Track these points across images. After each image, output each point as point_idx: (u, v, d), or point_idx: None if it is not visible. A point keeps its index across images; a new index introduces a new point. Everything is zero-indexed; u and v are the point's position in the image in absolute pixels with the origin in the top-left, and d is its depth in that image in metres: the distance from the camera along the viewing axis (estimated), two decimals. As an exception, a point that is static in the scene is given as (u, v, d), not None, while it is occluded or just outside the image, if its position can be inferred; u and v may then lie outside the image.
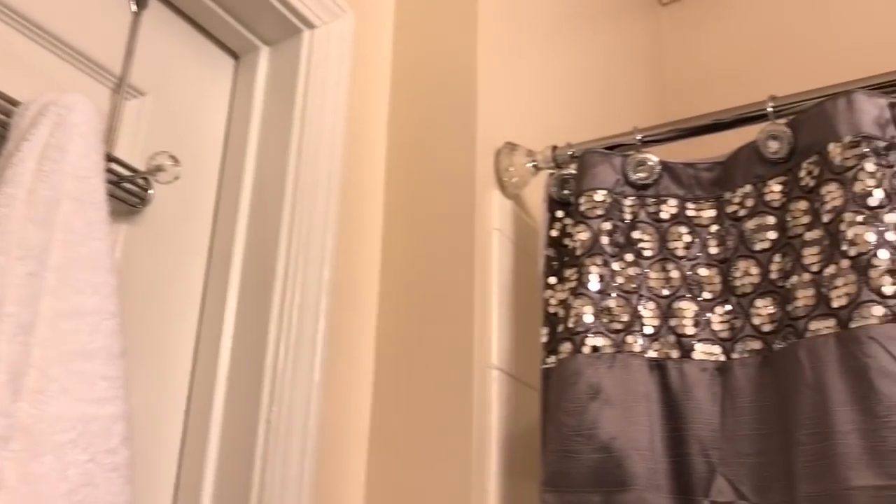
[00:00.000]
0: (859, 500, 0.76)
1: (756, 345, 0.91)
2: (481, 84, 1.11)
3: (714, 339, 0.94)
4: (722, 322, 0.95)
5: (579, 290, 0.96)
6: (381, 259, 1.08)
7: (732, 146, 1.00)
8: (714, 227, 0.99)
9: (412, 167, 1.12)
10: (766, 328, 0.91)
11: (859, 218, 0.84)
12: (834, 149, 0.88)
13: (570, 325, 0.95)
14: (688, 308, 0.96)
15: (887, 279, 0.81)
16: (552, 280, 1.02)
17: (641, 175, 1.02)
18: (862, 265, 0.82)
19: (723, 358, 0.93)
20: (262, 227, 0.97)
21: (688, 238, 0.99)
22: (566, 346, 0.94)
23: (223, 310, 0.94)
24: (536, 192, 1.10)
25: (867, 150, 0.86)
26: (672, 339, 0.95)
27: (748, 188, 0.97)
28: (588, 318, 0.94)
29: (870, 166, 0.86)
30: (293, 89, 1.02)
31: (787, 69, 1.70)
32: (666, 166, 1.03)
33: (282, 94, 1.03)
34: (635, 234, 0.99)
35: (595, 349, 0.92)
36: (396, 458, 0.99)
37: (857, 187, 0.85)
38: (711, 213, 1.00)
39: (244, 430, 0.88)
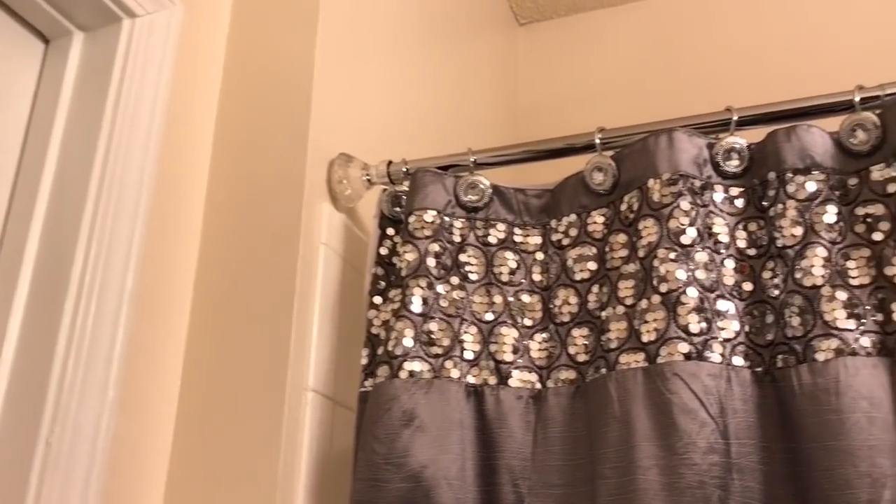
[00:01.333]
0: (653, 534, 0.77)
1: (571, 374, 0.92)
2: (317, 90, 1.07)
3: (532, 366, 0.93)
4: (540, 350, 0.94)
5: (402, 312, 0.93)
6: (196, 268, 1.02)
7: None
8: (539, 255, 0.99)
9: (239, 171, 1.06)
10: (581, 358, 0.91)
11: (672, 255, 0.85)
12: (653, 185, 0.90)
13: (390, 348, 0.92)
14: (508, 334, 0.95)
15: (694, 317, 0.83)
16: (377, 300, 0.99)
17: (472, 198, 1.01)
18: (671, 302, 0.84)
19: (539, 386, 0.92)
20: (59, 226, 0.89)
21: (513, 264, 0.98)
22: (383, 370, 0.91)
23: (7, 316, 0.85)
24: (373, 208, 1.07)
25: (683, 188, 0.88)
26: (491, 365, 0.94)
27: (573, 217, 0.98)
28: (408, 341, 0.91)
29: (685, 204, 0.87)
30: (107, 79, 0.94)
31: (637, 99, 1.75)
32: (497, 190, 1.02)
33: (94, 84, 0.94)
34: (462, 257, 0.98)
35: (412, 374, 0.90)
36: (198, 479, 0.93)
37: (672, 224, 0.87)
38: (537, 239, 1.00)
39: (20, 452, 0.80)
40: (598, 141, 0.97)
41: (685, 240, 0.86)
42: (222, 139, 1.08)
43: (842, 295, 0.81)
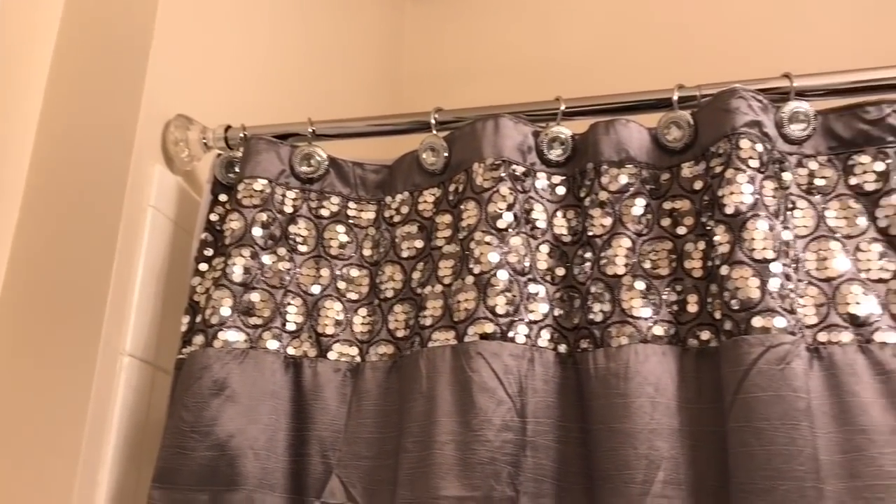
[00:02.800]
0: (443, 508, 0.79)
1: (389, 349, 0.93)
2: (158, 48, 1.03)
3: (353, 340, 0.94)
4: (363, 324, 0.95)
5: (221, 281, 0.92)
6: (16, 222, 0.98)
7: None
8: (371, 230, 1.00)
9: (69, 128, 1.02)
10: (400, 334, 0.93)
11: (487, 238, 0.87)
12: (477, 168, 0.91)
13: (207, 316, 0.91)
14: (332, 307, 0.95)
15: (501, 299, 0.85)
16: (203, 267, 0.98)
17: (307, 169, 1.00)
18: (483, 283, 0.86)
19: (358, 360, 0.94)
20: None
21: (344, 238, 0.99)
22: (199, 339, 0.91)
23: None
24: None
25: (505, 173, 0.90)
26: (312, 337, 0.94)
27: (406, 195, 0.99)
28: (225, 310, 0.91)
29: (504, 189, 0.89)
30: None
31: (519, 77, 1.77)
32: (334, 163, 1.02)
33: None
34: (293, 229, 0.98)
35: (227, 344, 0.90)
36: None
37: (491, 208, 0.89)
38: (371, 215, 1.00)
39: None
40: (433, 121, 0.98)
41: (501, 224, 0.88)
42: (54, 95, 1.04)
43: (640, 285, 0.85)
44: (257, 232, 0.95)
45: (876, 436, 0.76)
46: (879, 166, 0.85)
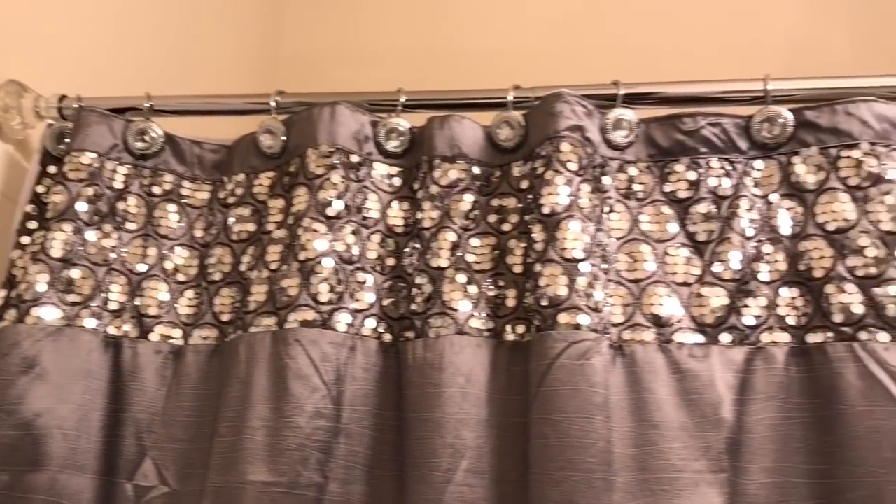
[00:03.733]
0: (249, 494, 0.79)
1: (213, 333, 0.92)
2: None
3: (177, 322, 0.93)
4: (189, 306, 0.94)
5: (40, 256, 0.89)
6: None
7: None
8: (204, 211, 0.98)
9: None
10: (225, 318, 0.92)
11: (315, 225, 0.88)
12: (311, 154, 0.91)
13: (21, 291, 0.88)
14: (158, 288, 0.94)
15: (325, 287, 0.86)
16: (25, 240, 0.94)
17: (141, 144, 0.98)
18: (307, 270, 0.86)
19: (181, 342, 0.92)
20: None
21: (175, 217, 0.97)
22: (11, 314, 0.87)
23: None
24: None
25: (338, 161, 0.91)
26: (135, 317, 0.92)
27: (242, 177, 0.98)
28: (41, 286, 0.88)
29: (336, 177, 0.90)
30: None
31: (400, 64, 1.76)
32: (171, 140, 1.00)
33: None
34: (121, 205, 0.95)
35: (40, 320, 0.87)
36: None
37: (321, 195, 0.89)
38: (205, 195, 0.99)
39: None
40: (273, 104, 0.97)
41: (330, 212, 0.88)
42: None
43: (462, 278, 0.87)
44: (82, 207, 0.92)
45: (666, 431, 0.80)
46: (692, 175, 0.89)
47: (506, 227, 0.90)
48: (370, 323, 0.88)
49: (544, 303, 0.81)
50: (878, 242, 0.82)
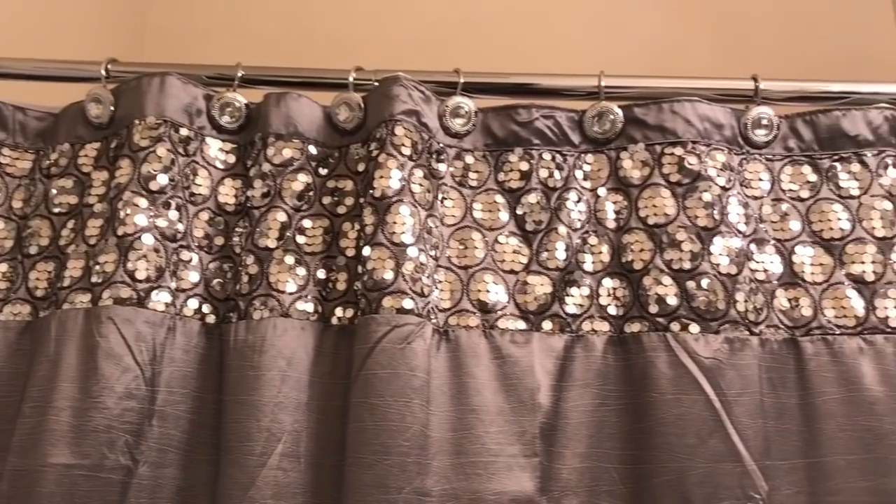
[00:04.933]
0: (48, 477, 0.75)
1: (25, 309, 0.87)
2: None
3: (28, 298, 0.88)
4: (1, 280, 0.89)
5: None
6: None
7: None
8: (24, 181, 0.93)
9: None
10: (39, 293, 0.88)
11: (136, 199, 0.84)
12: (137, 126, 0.88)
13: None
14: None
15: (143, 264, 0.82)
16: None
17: (-45, 107, 0.92)
18: (125, 246, 0.83)
19: (29, 318, 0.87)
20: None
21: (-10, 186, 0.91)
22: None
23: None
24: None
25: (164, 134, 0.87)
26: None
27: (66, 147, 0.93)
28: None
29: (162, 151, 0.86)
30: None
31: (268, 41, 1.72)
32: (-8, 104, 0.94)
33: None
34: (-71, 171, 0.89)
35: None
36: None
37: (144, 169, 0.85)
38: (27, 164, 0.94)
39: None
40: (103, 72, 0.93)
41: (154, 186, 0.85)
42: None
43: (290, 259, 0.85)
44: None
45: (484, 415, 0.81)
46: (524, 166, 0.90)
47: (340, 210, 0.89)
48: (193, 303, 0.86)
49: (370, 286, 0.81)
50: (693, 237, 0.85)
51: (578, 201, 0.90)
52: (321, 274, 0.86)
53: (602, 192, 0.91)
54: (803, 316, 0.86)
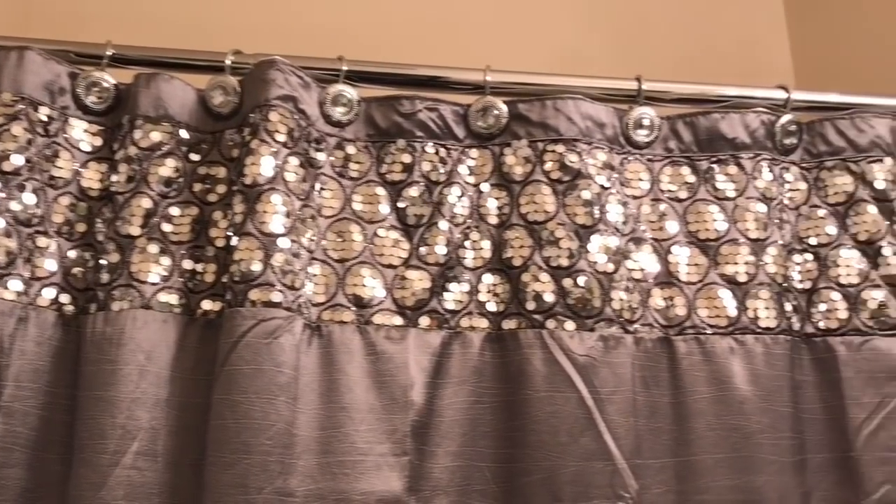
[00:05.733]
0: None
1: None
2: None
3: None
4: None
5: None
6: None
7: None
8: None
9: None
10: None
11: (-11, 180, 0.78)
12: (-8, 102, 0.82)
13: None
14: None
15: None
16: None
17: None
18: (-29, 229, 0.77)
19: None
20: None
21: None
22: None
23: None
24: None
25: (21, 112, 0.81)
26: None
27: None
28: None
29: (17, 129, 0.80)
30: None
31: (151, 22, 1.64)
32: None
33: None
34: None
35: None
36: None
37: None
38: None
39: None
40: (-38, 44, 0.86)
41: (7, 167, 0.79)
42: None
43: (154, 248, 0.81)
44: None
45: (355, 413, 0.79)
46: (407, 158, 0.88)
47: (212, 198, 0.85)
48: (49, 293, 0.80)
49: (237, 278, 0.77)
50: (572, 235, 0.85)
51: (461, 196, 0.88)
52: (188, 264, 0.82)
53: (485, 187, 0.89)
54: (677, 315, 0.87)
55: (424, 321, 0.84)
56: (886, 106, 0.94)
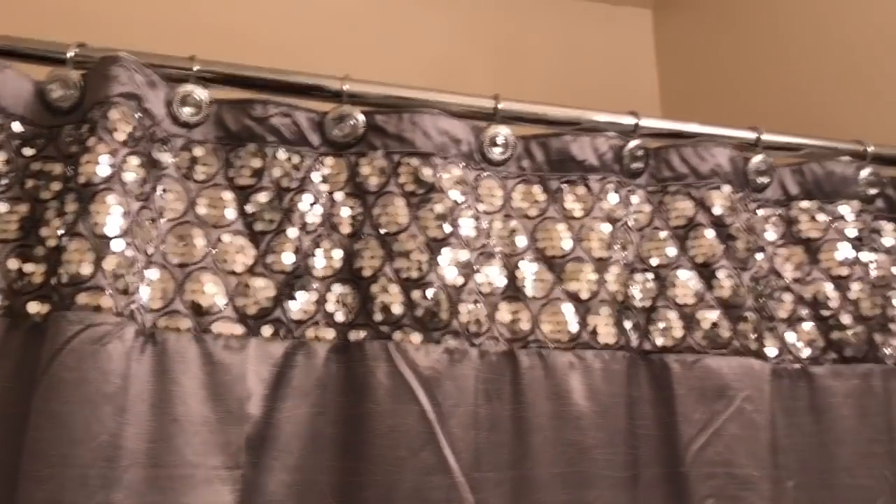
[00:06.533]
0: None
1: None
2: None
3: None
4: None
5: None
6: None
7: None
8: None
9: None
10: None
11: None
12: None
13: None
14: None
15: None
16: None
17: None
18: None
19: None
20: None
21: None
22: None
23: None
24: None
25: None
26: None
27: None
28: None
29: None
30: None
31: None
32: None
33: None
34: None
35: None
36: None
37: None
38: None
39: None
40: None
41: None
42: None
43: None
44: None
45: (187, 425, 0.76)
46: (257, 163, 0.86)
47: (45, 195, 0.81)
48: None
49: (65, 280, 0.73)
50: (423, 248, 0.85)
51: (314, 204, 0.87)
52: (13, 264, 0.78)
53: (339, 196, 0.88)
54: (522, 329, 0.88)
55: (267, 331, 0.82)
56: (727, 136, 0.99)
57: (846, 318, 0.95)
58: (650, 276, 0.94)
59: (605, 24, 1.96)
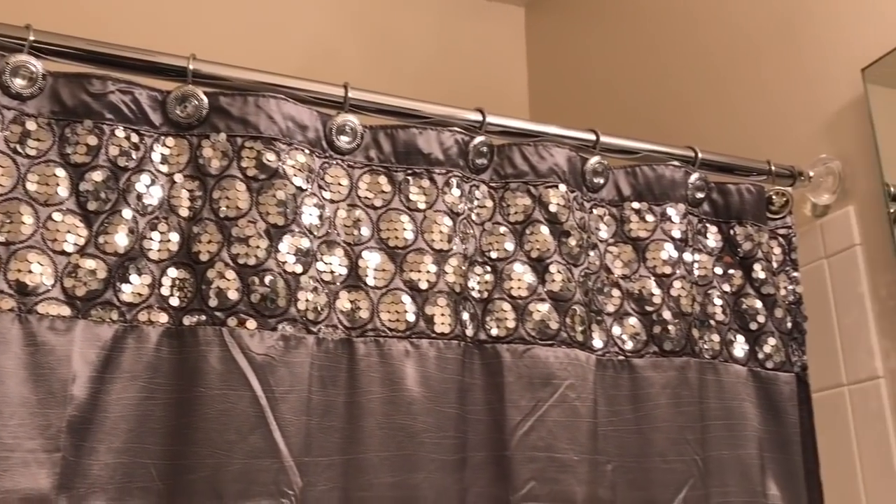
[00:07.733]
0: None
1: None
2: None
3: None
4: None
5: None
6: None
7: None
8: None
9: None
10: None
11: None
12: None
13: None
14: None
15: None
16: None
17: None
18: None
19: None
20: None
21: None
22: None
23: None
24: None
25: None
26: None
27: None
28: None
29: None
30: None
31: None
32: None
33: None
34: None
35: None
36: None
37: None
38: None
39: None
40: None
41: None
42: None
43: None
44: None
45: (5, 407, 0.74)
46: (93, 140, 0.84)
47: None
48: None
49: None
50: (262, 234, 0.85)
51: (152, 185, 0.86)
52: None
53: (179, 178, 0.87)
54: (361, 318, 0.90)
55: (96, 313, 0.80)
56: (567, 137, 1.04)
57: (667, 314, 1.02)
58: (488, 268, 0.98)
59: (479, 20, 2.00)
